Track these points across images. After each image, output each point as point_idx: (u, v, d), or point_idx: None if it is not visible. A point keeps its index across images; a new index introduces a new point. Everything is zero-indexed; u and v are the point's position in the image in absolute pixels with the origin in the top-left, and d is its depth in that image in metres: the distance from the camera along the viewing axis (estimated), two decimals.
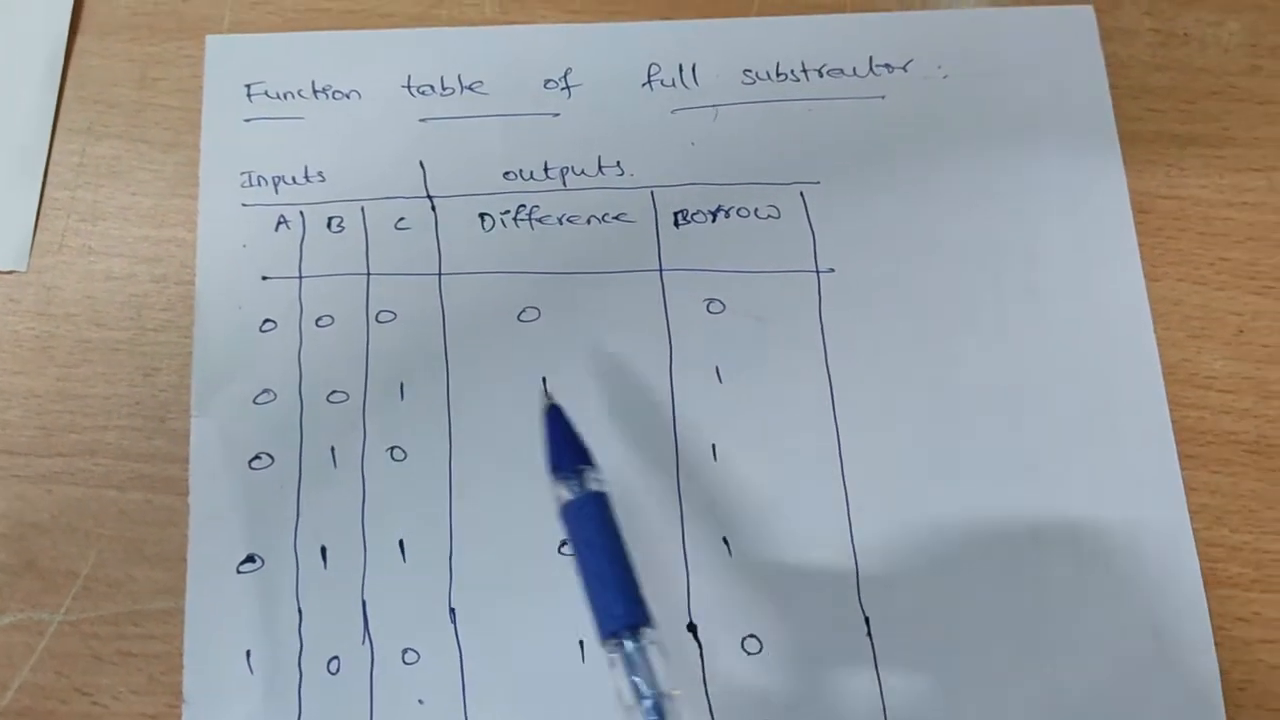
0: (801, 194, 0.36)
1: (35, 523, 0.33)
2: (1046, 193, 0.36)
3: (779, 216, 0.36)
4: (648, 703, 0.27)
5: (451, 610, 0.32)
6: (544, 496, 0.33)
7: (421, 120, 0.37)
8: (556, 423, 0.31)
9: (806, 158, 0.37)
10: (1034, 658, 0.32)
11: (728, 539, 0.33)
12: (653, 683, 0.27)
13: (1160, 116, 0.38)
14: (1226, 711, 0.31)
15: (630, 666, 0.28)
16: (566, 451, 0.30)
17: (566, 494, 0.30)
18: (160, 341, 0.35)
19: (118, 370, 0.34)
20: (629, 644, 0.28)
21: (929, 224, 0.36)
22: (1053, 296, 0.35)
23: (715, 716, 0.31)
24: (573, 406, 0.34)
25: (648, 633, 0.28)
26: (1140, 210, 0.36)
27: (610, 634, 0.28)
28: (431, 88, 0.37)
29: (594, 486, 0.30)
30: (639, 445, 0.34)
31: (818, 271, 0.36)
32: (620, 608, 0.28)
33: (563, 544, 0.33)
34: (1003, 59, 0.38)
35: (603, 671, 0.31)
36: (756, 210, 0.36)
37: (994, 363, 0.35)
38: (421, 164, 0.37)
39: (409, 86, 0.37)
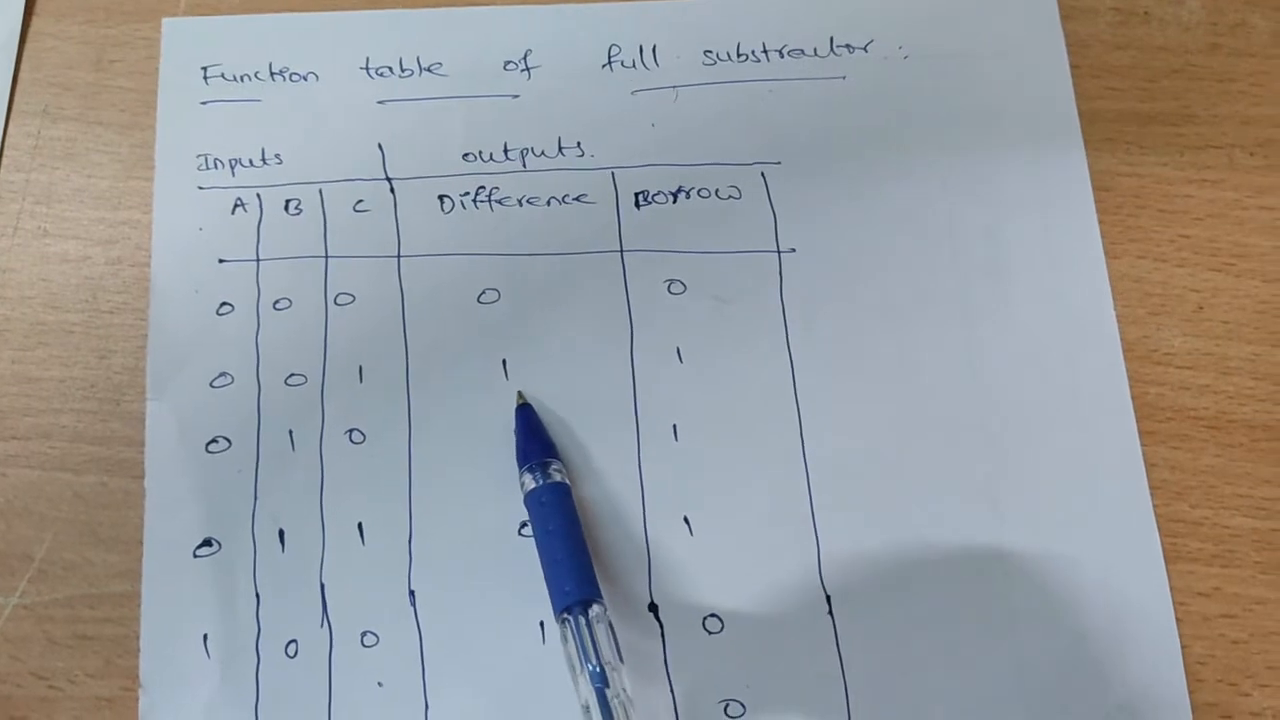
0: (763, 174, 0.36)
1: None
2: (1007, 172, 0.36)
3: (740, 197, 0.36)
4: (592, 668, 0.29)
5: (411, 592, 0.32)
6: (503, 478, 0.33)
7: (380, 102, 0.37)
8: (526, 420, 0.33)
9: (767, 138, 0.37)
10: (996, 635, 0.32)
11: (689, 519, 0.33)
12: (597, 652, 0.29)
13: (1120, 95, 0.38)
14: (1188, 687, 0.31)
15: (579, 639, 0.29)
16: (534, 446, 0.33)
17: (531, 483, 0.32)
18: (115, 324, 0.34)
19: (73, 353, 0.34)
20: (578, 618, 0.30)
21: (890, 204, 0.36)
22: (1014, 275, 0.35)
23: (676, 696, 0.31)
24: (533, 388, 0.34)
25: (596, 609, 0.30)
26: (1101, 188, 0.36)
27: (562, 609, 0.30)
28: (390, 69, 0.37)
29: (556, 477, 0.32)
30: (600, 426, 0.33)
31: (779, 252, 0.36)
32: (570, 585, 0.30)
33: (523, 526, 0.32)
34: (963, 38, 0.38)
35: (562, 653, 0.31)
36: (718, 191, 0.36)
37: (955, 341, 0.35)
38: (380, 146, 0.36)
39: (367, 68, 0.37)
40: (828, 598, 0.32)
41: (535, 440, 0.33)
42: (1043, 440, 0.33)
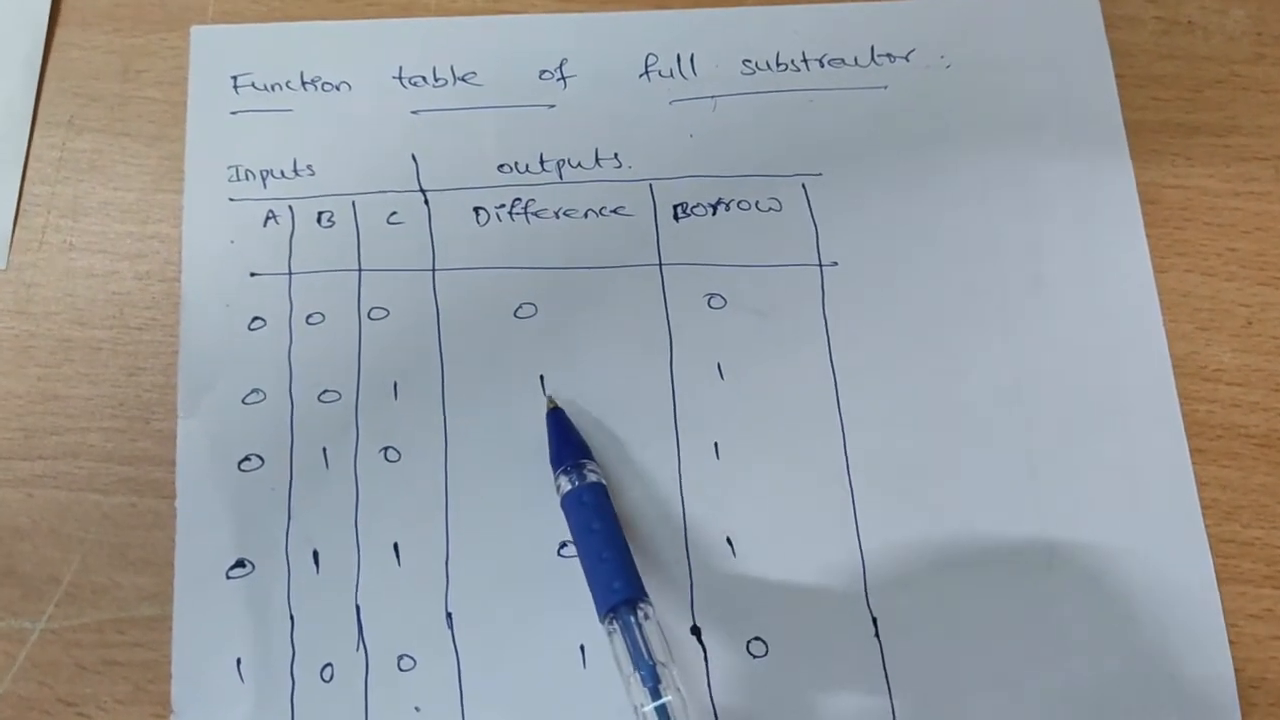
0: (803, 186, 0.36)
1: (16, 528, 0.32)
2: (1052, 184, 0.36)
3: (780, 209, 0.35)
4: (644, 670, 0.28)
5: (448, 615, 0.31)
6: (542, 497, 0.32)
7: (413, 112, 0.36)
8: (557, 422, 0.32)
9: (808, 149, 0.36)
10: (1045, 657, 0.31)
11: (731, 539, 0.32)
12: (648, 652, 0.29)
13: (1165, 105, 0.37)
14: (1241, 711, 0.31)
15: (629, 638, 0.29)
16: (567, 447, 0.32)
17: (567, 485, 0.31)
18: (144, 340, 0.34)
19: (100, 370, 0.33)
20: (626, 617, 0.29)
21: (933, 215, 0.35)
22: (1059, 289, 0.35)
23: None
24: (571, 404, 0.33)
25: (643, 607, 0.29)
26: (1147, 201, 0.36)
27: (609, 609, 0.29)
28: (423, 79, 0.37)
29: (592, 478, 0.31)
30: (639, 444, 0.33)
31: (820, 265, 0.35)
32: (618, 583, 0.30)
33: (563, 546, 0.32)
34: (1006, 48, 0.37)
35: (604, 677, 0.30)
36: (757, 203, 0.35)
37: (1001, 356, 0.34)
38: (414, 157, 0.36)
39: (400, 78, 0.36)
40: (874, 619, 0.31)
41: (568, 442, 0.32)
42: (1091, 458, 0.33)
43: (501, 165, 0.36)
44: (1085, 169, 0.36)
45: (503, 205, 0.35)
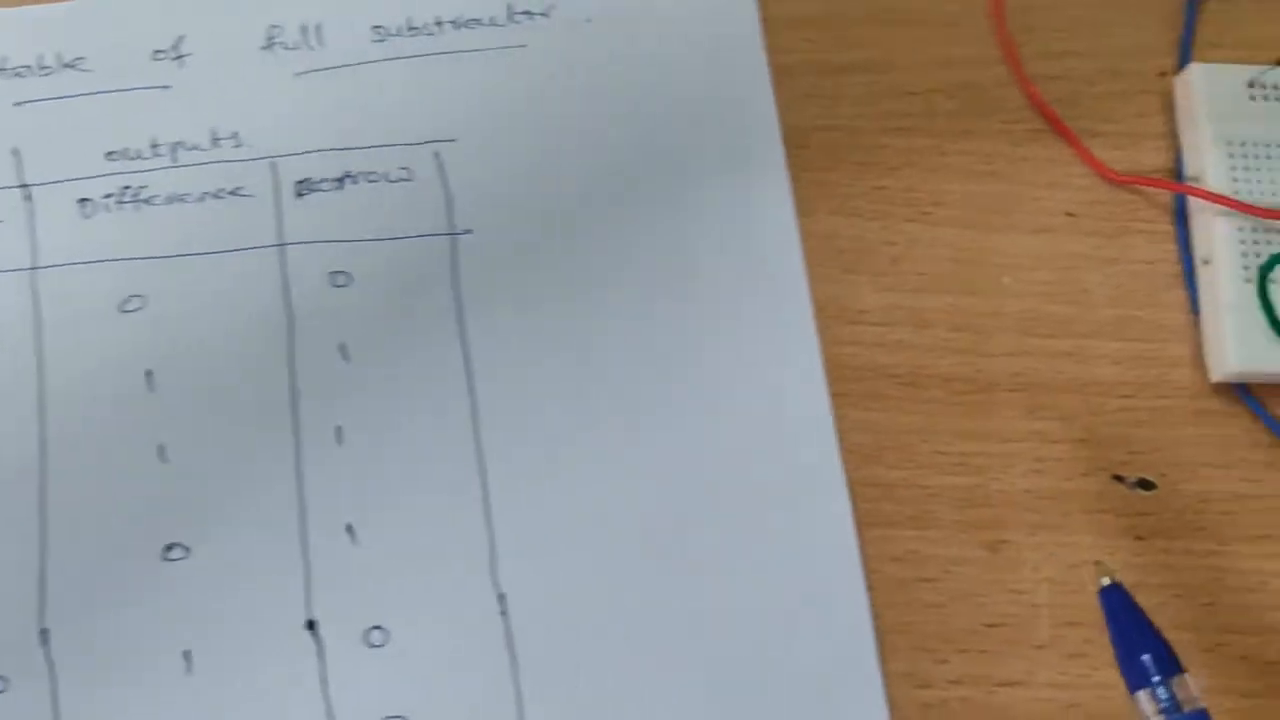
0: (436, 153, 0.34)
1: None
2: (697, 135, 0.34)
3: (411, 179, 0.34)
4: None
5: (43, 631, 0.29)
6: (144, 495, 0.30)
7: (16, 104, 0.34)
8: (1127, 610, 0.26)
9: (442, 115, 0.34)
10: (679, 621, 0.30)
11: (352, 526, 0.30)
12: None
13: (814, 46, 0.36)
14: (882, 655, 0.30)
15: None
16: (1151, 650, 0.25)
17: (1158, 713, 0.24)
18: None
19: None
20: None
21: (574, 177, 0.34)
22: (702, 243, 0.33)
23: (336, 718, 0.29)
24: (181, 398, 0.31)
25: None
26: (796, 146, 0.35)
27: None
28: (28, 68, 0.34)
29: (1191, 706, 0.24)
30: (252, 433, 0.31)
31: (453, 234, 0.33)
32: None
33: (168, 548, 0.30)
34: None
35: (213, 682, 0.29)
36: (387, 174, 0.34)
37: (640, 317, 0.33)
38: (15, 151, 0.34)
39: (3, 69, 0.34)
40: (500, 596, 0.30)
41: (1150, 643, 0.25)
42: (729, 414, 0.32)
43: (110, 153, 0.34)
44: (731, 118, 0.35)
45: (110, 195, 0.33)
